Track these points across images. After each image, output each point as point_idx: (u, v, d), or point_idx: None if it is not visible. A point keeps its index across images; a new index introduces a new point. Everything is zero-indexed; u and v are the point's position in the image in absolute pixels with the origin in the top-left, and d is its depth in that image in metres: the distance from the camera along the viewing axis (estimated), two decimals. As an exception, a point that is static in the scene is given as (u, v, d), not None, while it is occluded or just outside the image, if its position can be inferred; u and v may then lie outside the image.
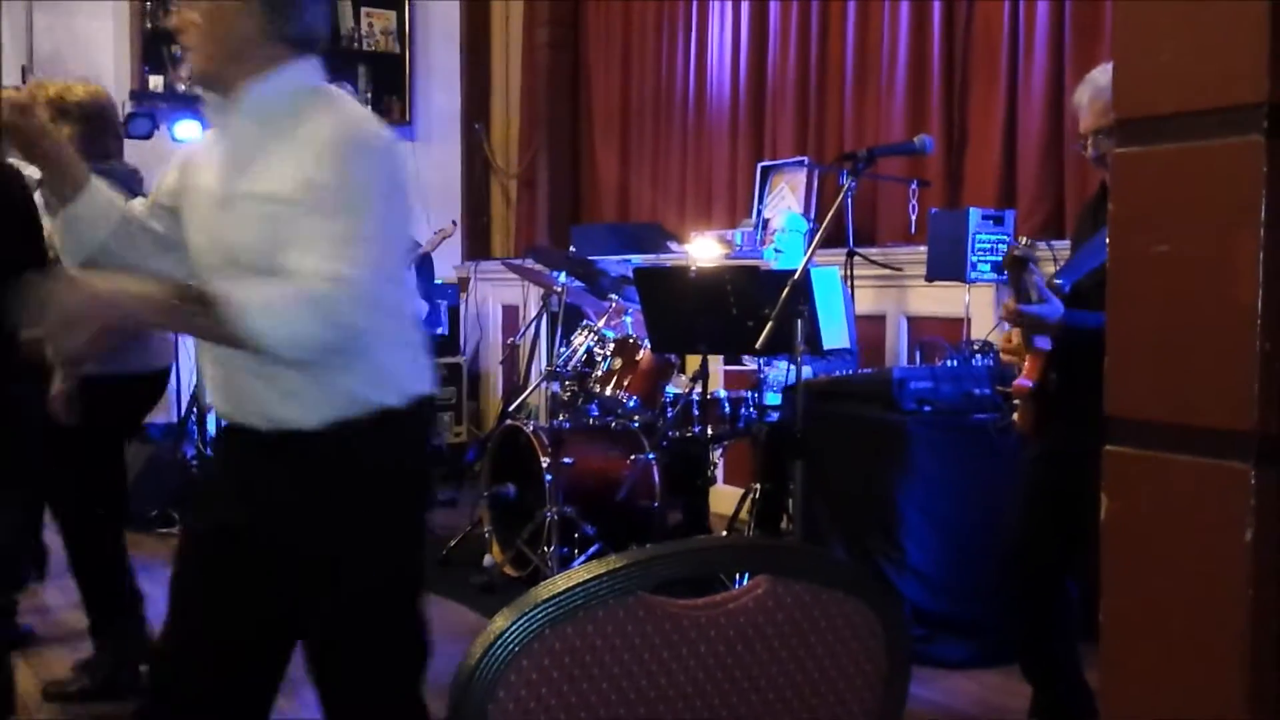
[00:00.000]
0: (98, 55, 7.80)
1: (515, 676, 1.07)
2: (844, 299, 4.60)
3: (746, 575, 1.26)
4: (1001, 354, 3.35)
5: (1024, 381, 3.09)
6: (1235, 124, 0.95)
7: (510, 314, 8.50)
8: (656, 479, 5.01)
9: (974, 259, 4.81)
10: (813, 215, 6.25)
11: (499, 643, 1.06)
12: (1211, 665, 0.98)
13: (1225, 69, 0.96)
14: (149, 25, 7.98)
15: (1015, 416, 3.22)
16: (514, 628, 1.07)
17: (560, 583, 1.09)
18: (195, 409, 6.75)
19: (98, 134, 3.65)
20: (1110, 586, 1.08)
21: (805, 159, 6.51)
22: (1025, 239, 3.10)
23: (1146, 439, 1.04)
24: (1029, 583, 3.25)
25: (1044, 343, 3.03)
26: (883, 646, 1.23)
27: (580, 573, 1.09)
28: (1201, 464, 0.99)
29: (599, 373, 5.19)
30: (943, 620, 4.21)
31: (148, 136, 6.38)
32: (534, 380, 6.42)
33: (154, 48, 7.96)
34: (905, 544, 4.24)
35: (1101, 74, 3.17)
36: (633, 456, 5.05)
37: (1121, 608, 1.07)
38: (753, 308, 4.08)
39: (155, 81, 7.96)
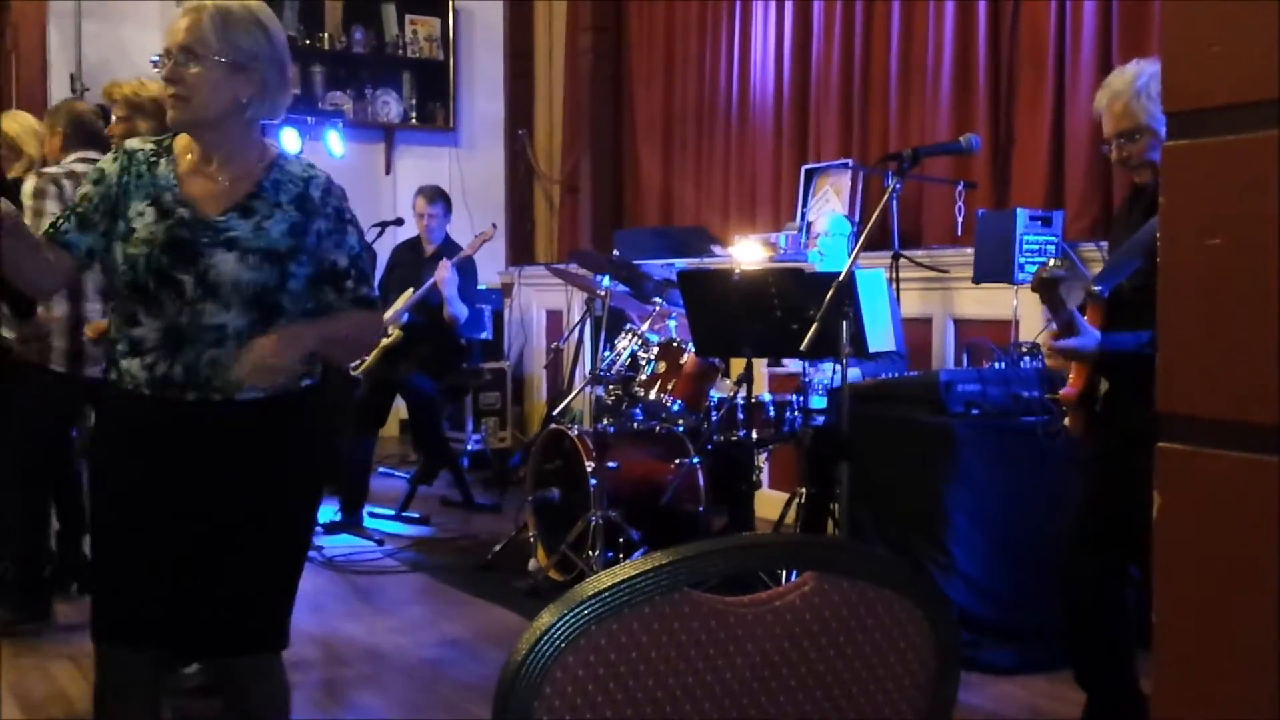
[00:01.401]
0: (145, 64, 7.85)
1: (561, 673, 1.07)
2: (890, 302, 4.57)
3: (794, 574, 1.25)
4: (1048, 359, 3.33)
5: (1070, 390, 3.09)
6: (1289, 114, 0.94)
7: (554, 319, 8.52)
8: (701, 483, 5.00)
9: (1022, 260, 4.77)
10: (857, 218, 6.23)
11: (544, 639, 1.06)
12: (1268, 665, 0.96)
13: (1276, 60, 0.95)
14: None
15: (1066, 422, 3.21)
16: (559, 624, 1.06)
17: (605, 579, 1.08)
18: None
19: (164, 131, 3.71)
20: (1162, 585, 1.06)
21: (849, 161, 6.48)
22: (1054, 260, 3.11)
23: (1200, 435, 1.03)
24: (1082, 588, 3.22)
25: None
26: (932, 646, 1.22)
27: (626, 569, 1.09)
28: (1256, 460, 0.98)
29: (643, 377, 5.19)
30: (990, 626, 4.17)
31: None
32: (578, 385, 6.43)
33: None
34: (952, 548, 4.21)
35: (1118, 78, 3.15)
36: (677, 460, 5.04)
37: (1174, 607, 1.06)
38: (797, 311, 4.06)
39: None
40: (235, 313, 2.42)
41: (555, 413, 6.11)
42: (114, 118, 3.80)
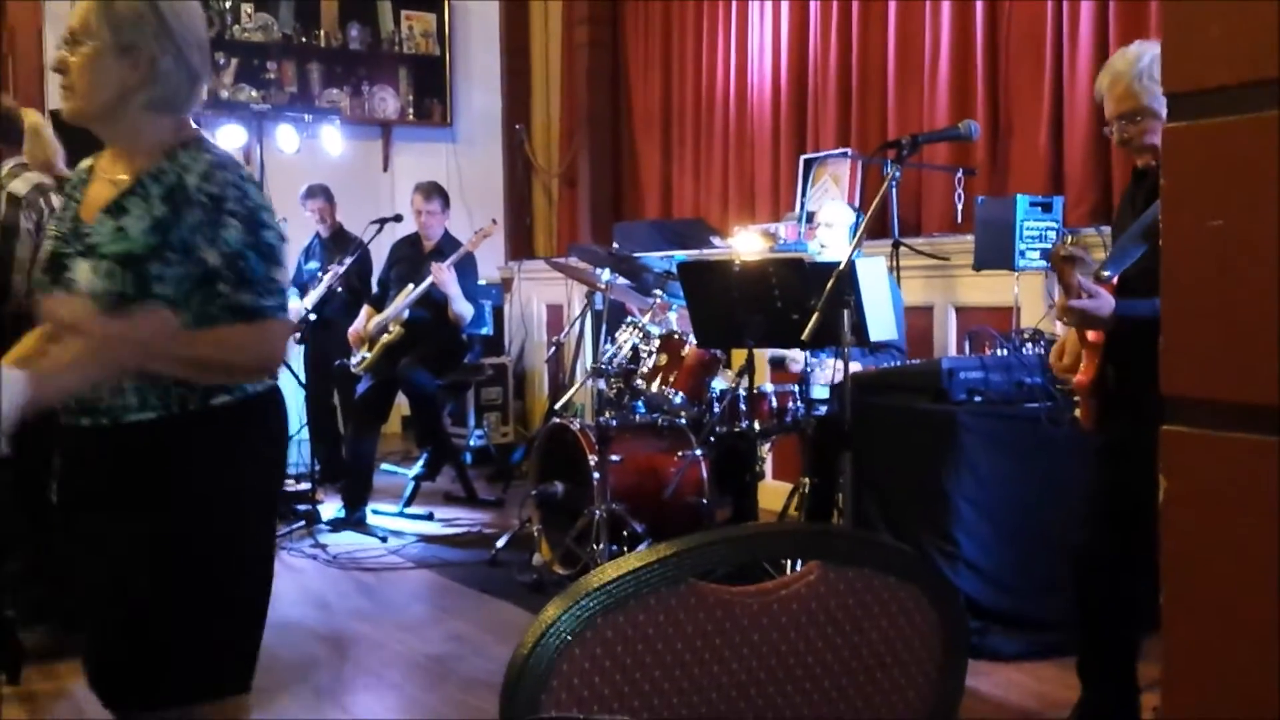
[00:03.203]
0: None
1: (568, 665, 1.07)
2: (892, 292, 4.57)
3: (799, 563, 1.25)
4: (1054, 370, 3.30)
5: (1082, 378, 3.07)
6: (1289, 93, 0.94)
7: (554, 313, 8.52)
8: (704, 475, 5.00)
9: (1022, 247, 4.76)
10: (857, 207, 6.22)
11: (551, 632, 1.06)
12: (1276, 646, 0.96)
13: (1276, 40, 0.94)
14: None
15: (1077, 412, 3.19)
16: (566, 616, 1.06)
17: (611, 571, 1.08)
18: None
19: None
20: (1170, 568, 1.06)
21: (848, 150, 6.47)
22: (1070, 237, 3.09)
23: (1204, 417, 1.03)
24: (1099, 584, 3.22)
25: (1096, 337, 3.02)
26: (939, 633, 1.21)
27: (631, 560, 1.09)
28: (1260, 441, 0.98)
29: (644, 369, 5.18)
30: (997, 613, 4.17)
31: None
32: (579, 378, 6.43)
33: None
34: (957, 536, 4.20)
35: (1119, 59, 3.14)
36: (680, 453, 5.04)
37: (1181, 590, 1.06)
38: (798, 300, 4.06)
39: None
40: None
41: (557, 407, 6.11)
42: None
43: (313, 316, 6.61)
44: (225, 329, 2.17)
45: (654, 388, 5.13)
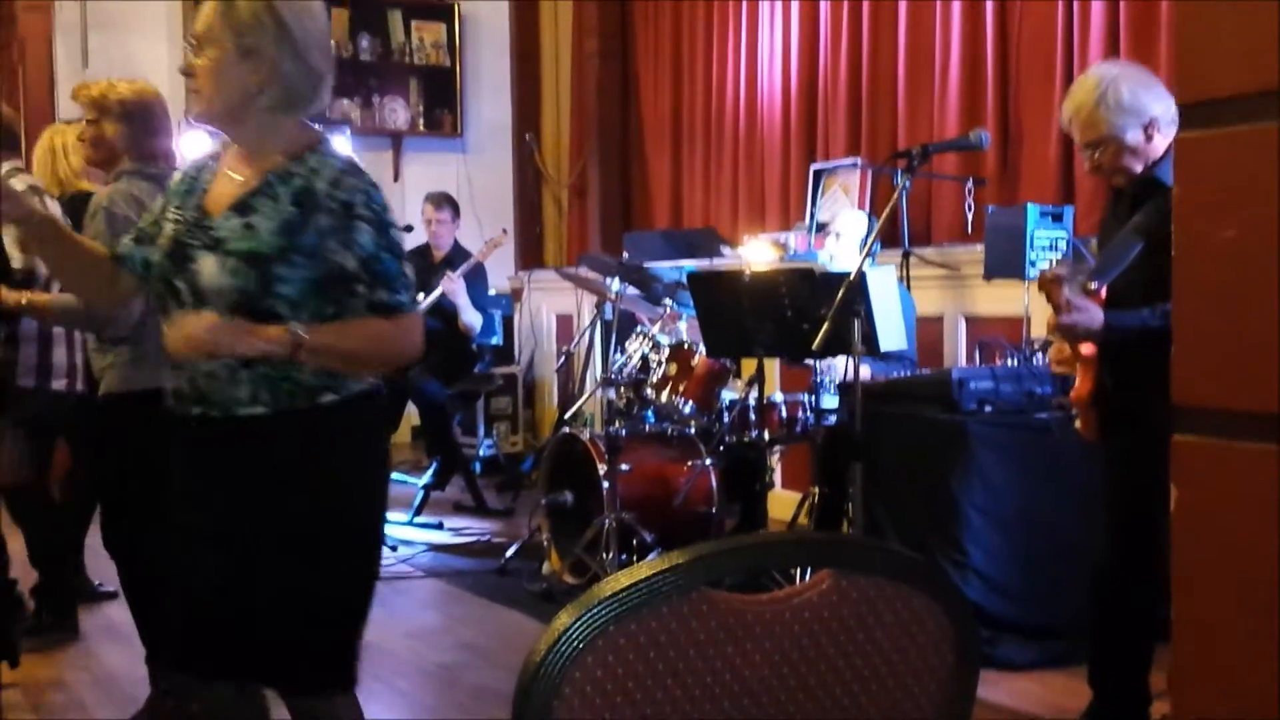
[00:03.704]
0: (152, 76, 7.86)
1: (580, 673, 1.07)
2: (903, 302, 4.56)
3: (809, 572, 1.25)
4: (1054, 366, 3.33)
5: (1080, 390, 3.09)
6: (1303, 103, 0.94)
7: (564, 322, 8.52)
8: (714, 484, 5.00)
9: (1033, 256, 4.75)
10: (870, 214, 6.22)
11: (563, 640, 1.06)
12: (1288, 657, 0.96)
13: (1290, 48, 0.94)
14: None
15: (1078, 424, 3.20)
16: (578, 624, 1.06)
17: (623, 579, 1.08)
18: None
19: (141, 133, 3.53)
20: (1181, 579, 1.06)
21: (858, 160, 6.47)
22: (1056, 258, 3.14)
23: (1216, 427, 1.03)
24: (1106, 589, 3.21)
25: (1089, 350, 3.04)
26: (951, 642, 1.21)
27: (643, 569, 1.09)
28: (1274, 451, 0.97)
29: (654, 379, 5.18)
30: (1007, 622, 4.16)
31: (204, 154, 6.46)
32: (589, 388, 6.43)
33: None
34: (967, 546, 4.20)
35: (1079, 88, 3.16)
36: (690, 462, 5.04)
37: (1193, 600, 1.05)
38: (808, 310, 4.06)
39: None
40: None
41: (567, 416, 6.11)
42: (84, 120, 3.67)
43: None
44: (371, 322, 2.28)
45: (664, 397, 5.13)
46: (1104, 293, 2.97)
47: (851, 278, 3.75)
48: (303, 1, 2.32)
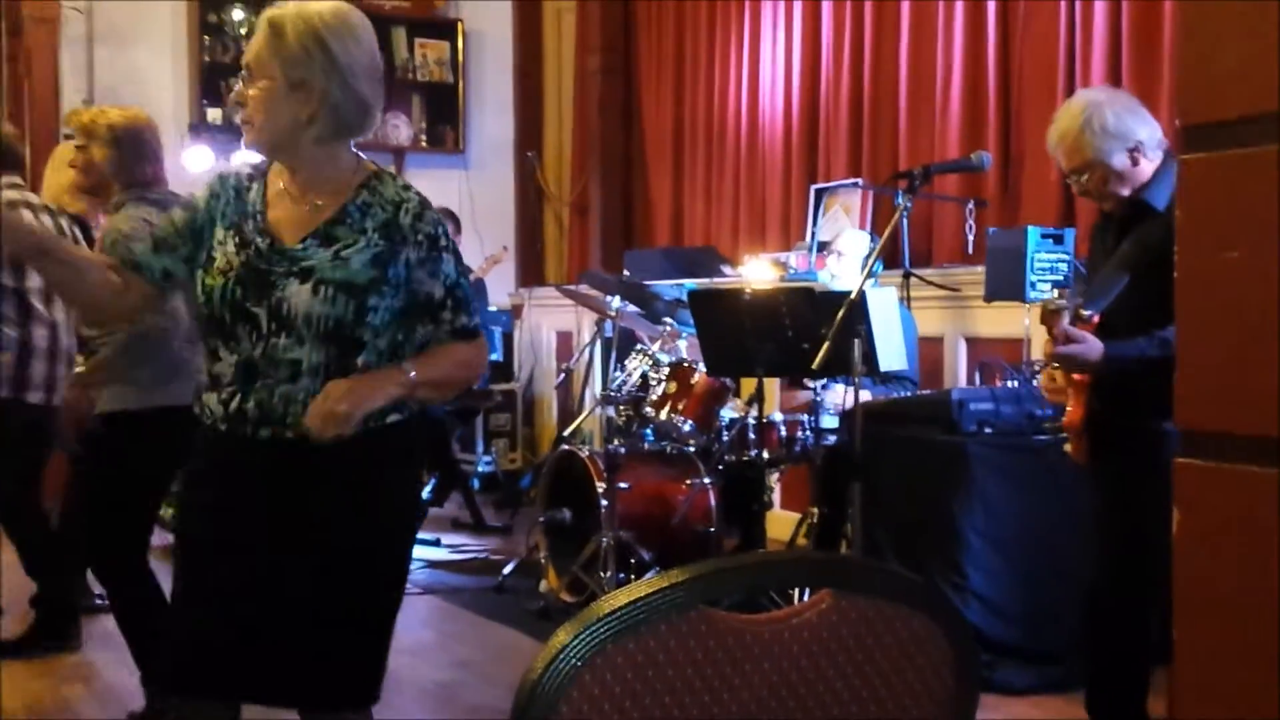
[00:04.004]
0: (156, 88, 7.93)
1: (577, 692, 1.06)
2: (904, 323, 4.56)
3: (809, 592, 1.24)
4: (1046, 394, 3.33)
5: (1073, 415, 3.10)
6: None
7: (564, 340, 8.52)
8: (713, 503, 4.99)
9: (1033, 278, 4.75)
10: (872, 234, 6.22)
11: (560, 657, 1.06)
12: (1290, 681, 0.95)
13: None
14: (207, 59, 8.13)
15: (1067, 448, 3.20)
16: (575, 642, 1.06)
17: (621, 597, 1.08)
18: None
19: (131, 159, 3.54)
20: (1183, 601, 1.05)
21: (859, 180, 6.48)
22: (1057, 291, 3.16)
23: (1219, 450, 1.02)
24: (1108, 620, 3.21)
25: (1083, 377, 3.06)
26: (951, 664, 1.21)
27: (642, 587, 1.09)
28: (1276, 475, 0.97)
29: (654, 397, 5.18)
30: (1005, 646, 4.14)
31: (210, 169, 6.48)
32: (588, 405, 6.43)
33: (212, 81, 8.09)
34: (966, 568, 4.19)
35: (1064, 114, 3.17)
36: (689, 481, 5.03)
37: (1194, 622, 1.05)
38: (808, 330, 4.06)
39: (214, 114, 8.08)
40: (310, 347, 2.27)
41: (566, 434, 6.11)
42: (74, 146, 3.69)
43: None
44: (456, 348, 2.40)
45: (663, 415, 5.12)
46: (1096, 319, 2.99)
47: (852, 297, 3.75)
48: (350, 27, 2.32)
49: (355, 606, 2.37)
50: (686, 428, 5.08)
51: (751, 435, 4.90)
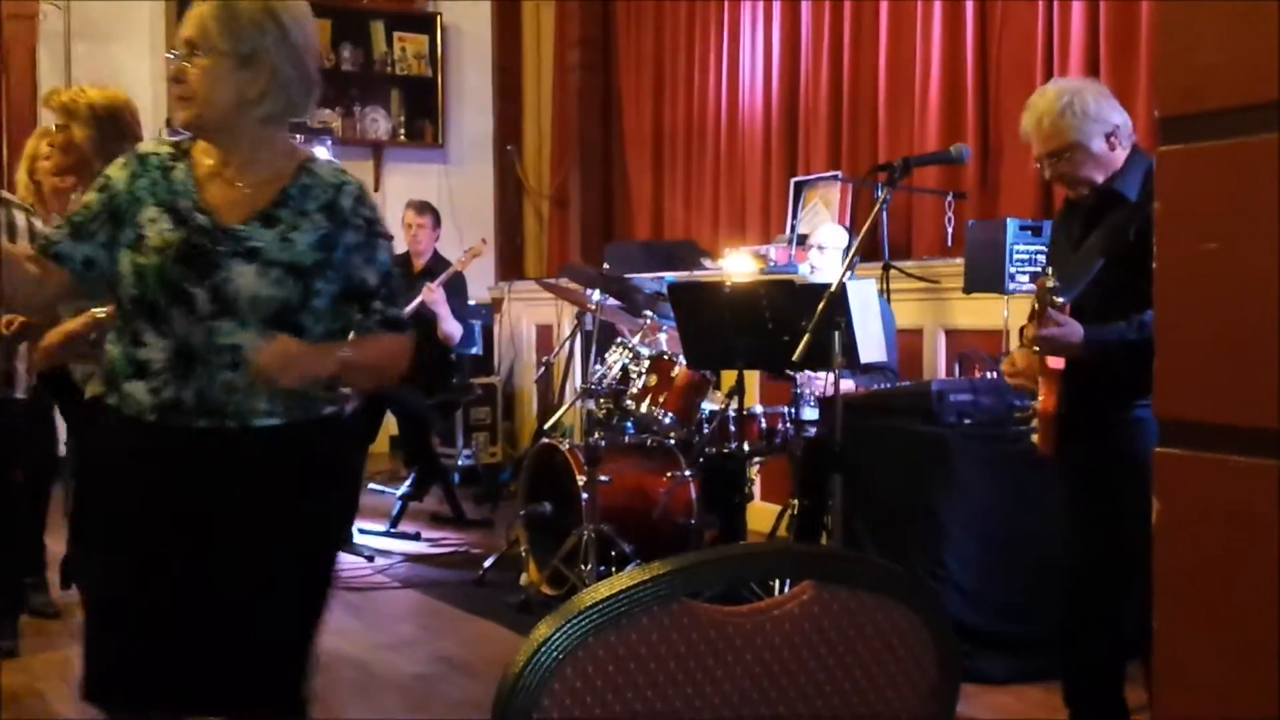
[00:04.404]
0: (134, 84, 7.86)
1: (559, 685, 1.06)
2: (884, 315, 4.57)
3: (790, 583, 1.24)
4: (1007, 379, 3.33)
5: (1046, 403, 3.10)
6: (1283, 116, 0.94)
7: (544, 333, 8.51)
8: (693, 496, 4.99)
9: (1012, 270, 4.77)
10: (849, 228, 6.23)
11: (542, 650, 1.05)
12: (1270, 671, 0.96)
13: (1269, 63, 0.95)
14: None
15: (1034, 439, 3.21)
16: (557, 635, 1.06)
17: (603, 589, 1.08)
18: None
19: (111, 138, 3.47)
20: (1162, 592, 1.06)
21: (839, 173, 6.49)
22: (1048, 269, 3.16)
23: (1199, 440, 1.03)
24: (1083, 611, 3.22)
25: (1056, 364, 3.05)
26: (932, 654, 1.21)
27: (623, 579, 1.08)
28: (1256, 464, 0.97)
29: (634, 390, 5.18)
30: (985, 636, 4.16)
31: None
32: (569, 399, 6.42)
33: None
34: (947, 558, 4.20)
35: (1039, 98, 3.18)
36: (669, 473, 5.03)
37: (1174, 612, 1.05)
38: (788, 322, 4.06)
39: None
40: (253, 332, 2.17)
41: (546, 427, 6.10)
42: (54, 126, 3.64)
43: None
44: (386, 338, 2.34)
45: (643, 408, 5.12)
46: (1068, 306, 3.00)
47: (832, 289, 3.75)
48: (300, 6, 2.27)
49: (281, 607, 2.29)
50: (667, 420, 5.09)
51: (732, 427, 4.90)
